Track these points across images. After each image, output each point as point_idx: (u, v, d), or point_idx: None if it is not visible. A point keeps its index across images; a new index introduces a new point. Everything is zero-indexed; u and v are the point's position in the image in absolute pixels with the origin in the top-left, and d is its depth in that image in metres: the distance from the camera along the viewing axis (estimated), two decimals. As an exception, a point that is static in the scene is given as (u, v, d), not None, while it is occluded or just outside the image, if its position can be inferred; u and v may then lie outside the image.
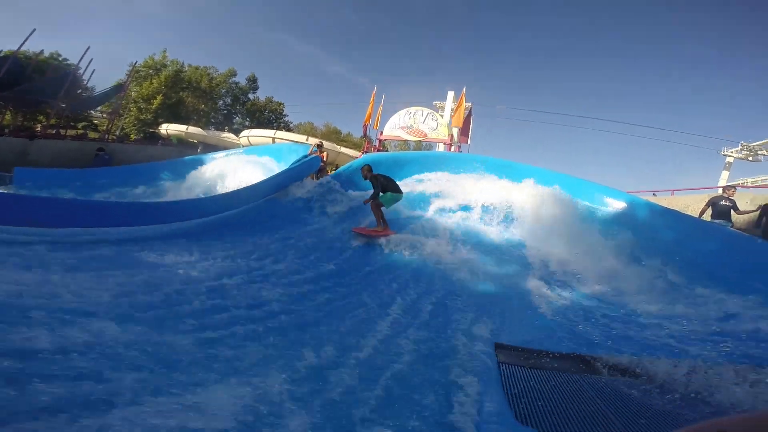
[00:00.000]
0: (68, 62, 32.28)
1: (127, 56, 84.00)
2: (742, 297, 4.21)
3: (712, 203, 7.77)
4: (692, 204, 10.74)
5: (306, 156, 8.68)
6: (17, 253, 3.18)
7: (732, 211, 7.43)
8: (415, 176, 8.39)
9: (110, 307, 2.48)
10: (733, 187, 7.96)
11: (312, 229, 5.89)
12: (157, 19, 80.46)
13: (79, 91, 21.44)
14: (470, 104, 26.11)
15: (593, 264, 5.55)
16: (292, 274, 3.97)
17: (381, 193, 6.03)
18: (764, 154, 27.50)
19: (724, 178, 28.89)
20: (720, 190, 8.14)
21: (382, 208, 6.11)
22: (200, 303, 2.82)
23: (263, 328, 2.65)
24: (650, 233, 6.39)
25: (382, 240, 5.77)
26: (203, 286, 3.13)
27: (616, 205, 7.58)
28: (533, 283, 4.88)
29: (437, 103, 27.56)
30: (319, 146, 9.44)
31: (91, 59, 19.25)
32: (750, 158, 28.16)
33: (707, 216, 7.75)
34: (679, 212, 7.77)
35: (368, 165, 6.50)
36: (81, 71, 19.26)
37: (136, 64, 37.16)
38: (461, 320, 3.42)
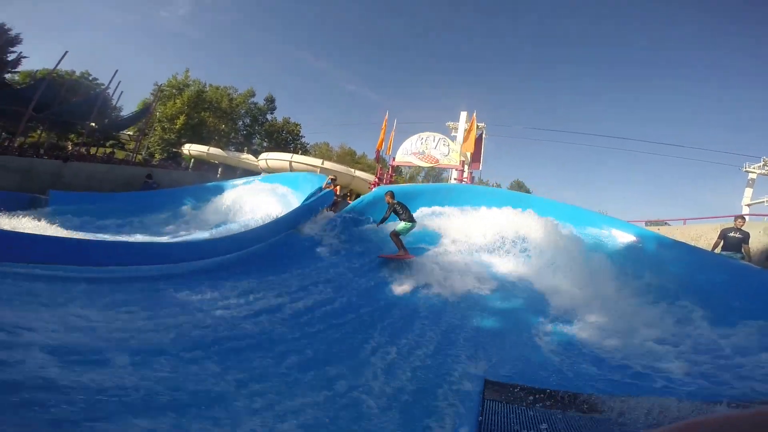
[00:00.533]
0: (98, 81, 34.29)
1: (151, 73, 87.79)
2: (747, 331, 4.31)
3: (723, 235, 7.75)
4: (705, 234, 10.64)
5: (320, 189, 9.11)
6: (67, 289, 3.57)
7: (743, 244, 7.42)
8: (424, 208, 8.66)
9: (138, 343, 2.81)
10: (743, 217, 7.89)
11: (326, 264, 6.21)
12: (182, 38, 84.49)
13: (109, 113, 22.74)
14: (483, 124, 26.56)
15: (596, 299, 5.60)
16: (308, 312, 4.27)
17: (400, 224, 6.81)
18: None
19: (748, 195, 27.75)
20: (733, 220, 8.11)
21: (400, 236, 6.73)
22: (226, 340, 3.14)
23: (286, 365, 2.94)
24: (658, 267, 6.40)
25: (395, 276, 6.07)
26: (232, 326, 3.46)
27: (624, 238, 7.58)
28: (535, 319, 5.01)
29: (450, 123, 28.01)
30: (333, 180, 9.89)
31: (120, 81, 20.39)
32: None
33: (719, 248, 7.75)
34: (688, 245, 7.77)
35: (392, 192, 7.27)
36: (110, 92, 20.40)
37: (161, 84, 39.11)
38: (459, 356, 3.64)
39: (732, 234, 7.51)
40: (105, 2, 79.39)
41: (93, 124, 18.98)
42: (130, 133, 27.65)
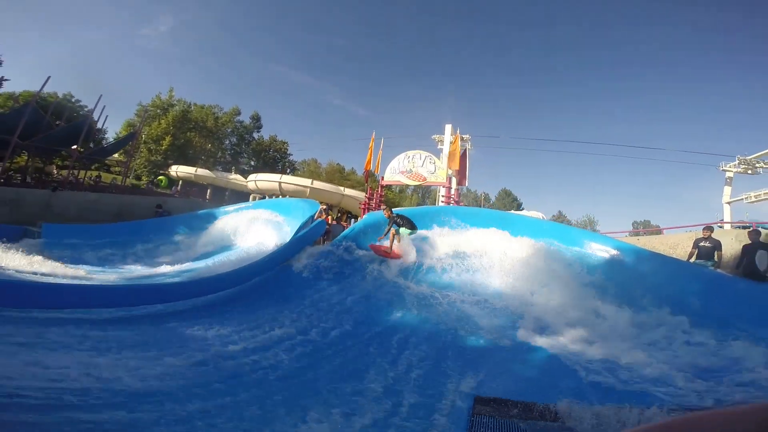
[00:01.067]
0: (80, 103, 34.12)
1: (133, 92, 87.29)
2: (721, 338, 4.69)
3: (696, 245, 8.24)
4: (681, 242, 11.16)
5: (312, 219, 9.41)
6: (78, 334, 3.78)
7: (715, 252, 7.91)
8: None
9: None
10: (710, 227, 8.42)
11: (323, 295, 6.45)
12: (164, 56, 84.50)
13: (94, 137, 22.76)
14: (468, 136, 27.31)
15: (577, 312, 5.87)
16: (308, 343, 4.52)
17: (397, 227, 7.85)
18: (763, 167, 27.17)
19: (727, 194, 28.33)
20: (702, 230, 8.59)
21: (396, 239, 7.82)
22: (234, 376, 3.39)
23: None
24: (636, 279, 6.76)
25: (389, 300, 6.38)
26: (238, 361, 3.70)
27: (603, 252, 7.87)
28: (521, 334, 5.22)
29: (436, 136, 28.72)
30: (325, 209, 10.13)
31: (104, 106, 20.48)
32: (749, 171, 27.69)
33: (694, 258, 8.24)
34: (664, 256, 8.18)
35: (389, 209, 8.36)
36: (94, 116, 20.41)
37: (145, 105, 39.05)
38: (451, 374, 3.91)
39: (703, 243, 7.99)
40: (83, 22, 79.14)
41: (80, 150, 18.97)
42: (116, 155, 27.47)
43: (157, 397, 2.92)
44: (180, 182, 32.65)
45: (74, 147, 18.62)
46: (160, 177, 33.95)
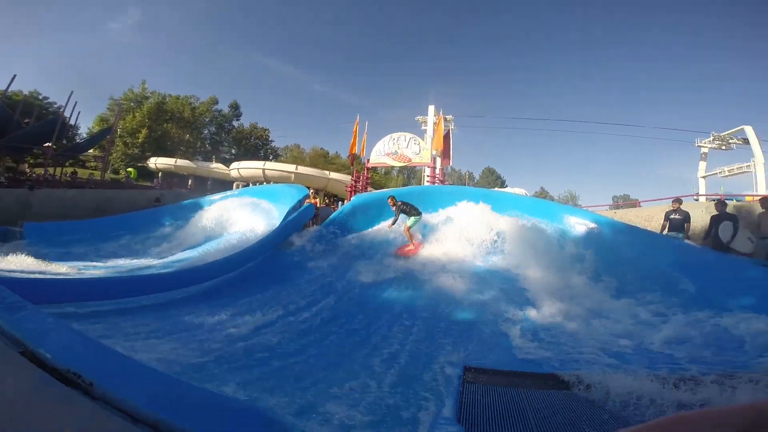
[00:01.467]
0: (49, 100, 32.77)
1: (104, 86, 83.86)
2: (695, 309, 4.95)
3: (667, 217, 8.67)
4: (656, 215, 11.65)
5: (301, 204, 9.47)
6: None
7: (685, 223, 8.32)
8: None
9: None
10: (679, 200, 8.79)
11: (315, 276, 6.61)
12: (135, 49, 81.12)
13: (67, 133, 21.99)
14: (451, 117, 27.44)
15: (559, 284, 6.13)
16: (303, 322, 4.69)
17: (406, 217, 8.05)
18: (736, 143, 28.14)
19: (702, 168, 29.61)
20: (671, 202, 8.97)
21: (411, 230, 8.01)
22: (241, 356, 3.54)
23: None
24: (613, 250, 7.07)
25: (379, 279, 6.56)
26: (242, 343, 3.85)
27: (582, 225, 8.14)
28: (507, 307, 5.44)
29: (420, 117, 28.76)
30: (314, 194, 10.30)
31: (76, 102, 19.79)
32: (723, 147, 28.81)
33: (666, 230, 8.65)
34: (638, 228, 8.62)
35: (392, 196, 8.46)
36: (68, 118, 19.77)
37: (117, 99, 37.78)
38: (443, 346, 4.12)
39: (673, 216, 8.38)
40: (46, 20, 74.77)
41: (54, 147, 18.40)
42: (92, 151, 26.67)
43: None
44: (160, 174, 31.99)
45: (47, 144, 18.07)
46: (129, 169, 33.15)
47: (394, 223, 8.22)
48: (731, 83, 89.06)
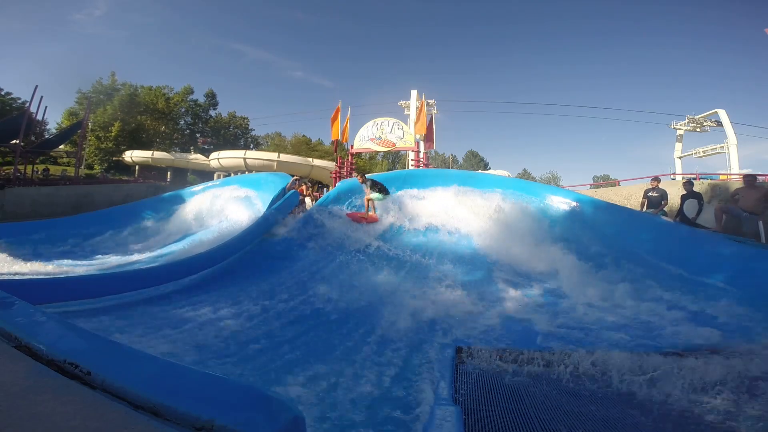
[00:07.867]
0: (12, 96, 31.23)
1: (71, 80, 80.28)
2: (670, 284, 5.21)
3: (646, 195, 9.05)
4: (634, 193, 12.02)
5: (285, 191, 9.38)
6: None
7: (662, 201, 8.66)
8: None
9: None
10: (657, 178, 9.19)
11: (304, 264, 6.60)
12: (102, 40, 77.54)
13: (35, 130, 21.07)
14: (433, 101, 27.40)
15: (546, 263, 6.34)
16: (293, 310, 4.71)
17: (375, 193, 8.36)
18: (710, 125, 29.69)
19: (678, 149, 31.28)
20: (650, 181, 9.34)
21: (371, 204, 8.39)
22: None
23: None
24: (594, 228, 7.32)
25: (366, 265, 6.62)
26: (234, 335, 3.84)
27: (564, 204, 8.29)
28: (496, 287, 5.64)
29: (402, 102, 28.64)
30: (297, 180, 10.28)
31: (42, 96, 18.88)
32: (698, 130, 30.38)
33: (645, 207, 8.99)
34: (618, 206, 8.90)
35: (361, 174, 8.86)
36: (34, 113, 18.88)
37: (86, 92, 36.20)
38: (434, 327, 4.22)
39: (652, 194, 8.82)
40: (5, 14, 70.41)
41: (22, 144, 17.61)
42: (62, 147, 25.66)
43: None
44: (137, 167, 31.08)
45: (14, 142, 17.30)
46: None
47: (370, 205, 8.38)
48: (705, 66, 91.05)
